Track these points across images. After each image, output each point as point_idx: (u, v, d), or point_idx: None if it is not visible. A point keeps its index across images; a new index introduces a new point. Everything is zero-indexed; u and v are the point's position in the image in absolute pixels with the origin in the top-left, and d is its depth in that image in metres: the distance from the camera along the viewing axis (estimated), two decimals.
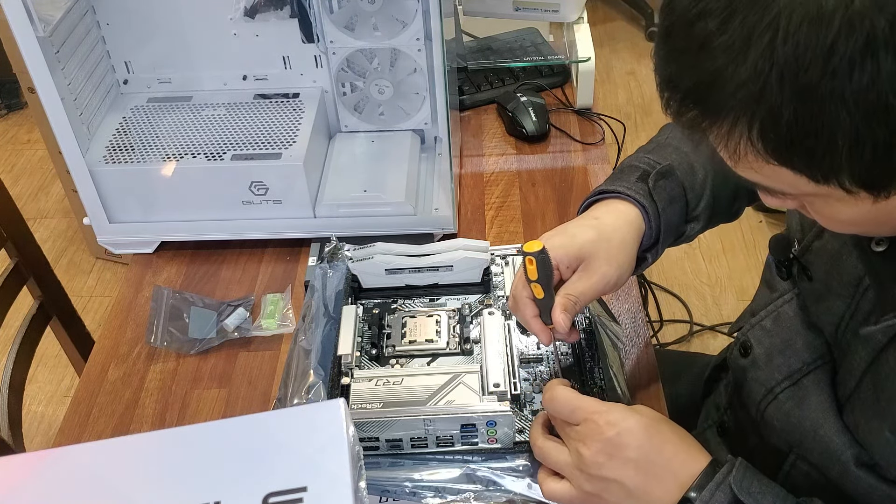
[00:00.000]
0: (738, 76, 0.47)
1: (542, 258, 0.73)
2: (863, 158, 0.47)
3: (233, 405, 0.91)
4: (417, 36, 1.03)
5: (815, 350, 0.73)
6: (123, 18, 1.07)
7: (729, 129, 0.50)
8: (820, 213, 0.57)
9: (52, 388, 1.95)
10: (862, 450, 0.67)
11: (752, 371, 0.79)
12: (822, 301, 0.71)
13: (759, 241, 2.16)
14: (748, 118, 0.48)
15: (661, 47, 0.53)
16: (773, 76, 0.46)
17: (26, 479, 0.61)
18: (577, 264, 0.75)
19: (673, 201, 0.80)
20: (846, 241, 0.68)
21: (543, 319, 0.75)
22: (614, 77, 2.79)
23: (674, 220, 0.80)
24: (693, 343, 1.95)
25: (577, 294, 0.74)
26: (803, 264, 0.73)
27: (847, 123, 0.46)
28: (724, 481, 0.64)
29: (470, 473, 0.77)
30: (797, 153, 0.48)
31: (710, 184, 0.82)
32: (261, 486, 0.58)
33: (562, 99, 1.32)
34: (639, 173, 0.81)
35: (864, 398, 0.66)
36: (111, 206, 1.06)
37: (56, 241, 2.32)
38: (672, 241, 0.83)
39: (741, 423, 0.86)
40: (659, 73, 0.54)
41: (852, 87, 0.44)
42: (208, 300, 1.01)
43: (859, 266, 0.67)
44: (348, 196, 1.06)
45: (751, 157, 0.51)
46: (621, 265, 0.76)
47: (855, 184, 0.49)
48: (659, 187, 0.79)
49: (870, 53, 0.44)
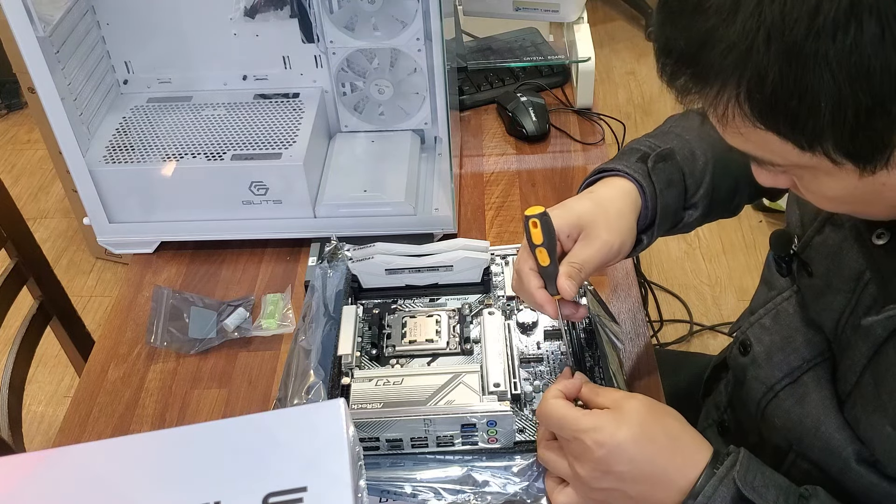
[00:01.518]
0: (728, 37, 0.48)
1: (545, 220, 0.73)
2: (845, 123, 0.48)
3: (233, 405, 0.91)
4: (417, 36, 1.03)
5: (815, 347, 0.73)
6: (123, 18, 1.07)
7: (717, 92, 0.51)
8: (808, 188, 0.58)
9: (52, 388, 1.95)
10: (863, 446, 0.67)
11: (752, 369, 0.79)
12: (823, 297, 0.71)
13: (759, 241, 2.16)
14: (736, 79, 0.49)
15: (659, 12, 0.54)
16: (760, 36, 0.47)
17: (26, 479, 0.61)
18: (578, 233, 0.76)
19: (671, 184, 0.80)
20: (847, 235, 0.68)
21: (549, 291, 0.74)
22: (614, 77, 2.79)
23: (671, 203, 0.80)
24: (693, 343, 1.95)
25: (580, 261, 0.74)
26: (803, 260, 0.73)
27: (830, 86, 0.46)
28: (727, 475, 0.64)
29: (470, 474, 0.77)
30: (782, 116, 0.49)
31: (710, 172, 0.82)
32: (261, 486, 0.58)
33: (562, 99, 1.32)
34: (639, 155, 0.81)
35: (865, 393, 0.66)
36: (111, 206, 1.06)
37: (56, 241, 2.32)
38: (669, 228, 0.83)
39: (741, 421, 0.86)
40: (656, 38, 0.55)
41: (836, 49, 0.45)
42: (208, 300, 1.01)
43: (860, 260, 0.67)
44: (348, 196, 1.06)
45: (738, 122, 0.51)
46: (622, 232, 0.76)
47: (839, 152, 0.50)
48: (658, 169, 0.80)
49: (854, 16, 0.45)
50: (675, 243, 2.18)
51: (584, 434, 0.67)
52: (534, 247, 0.73)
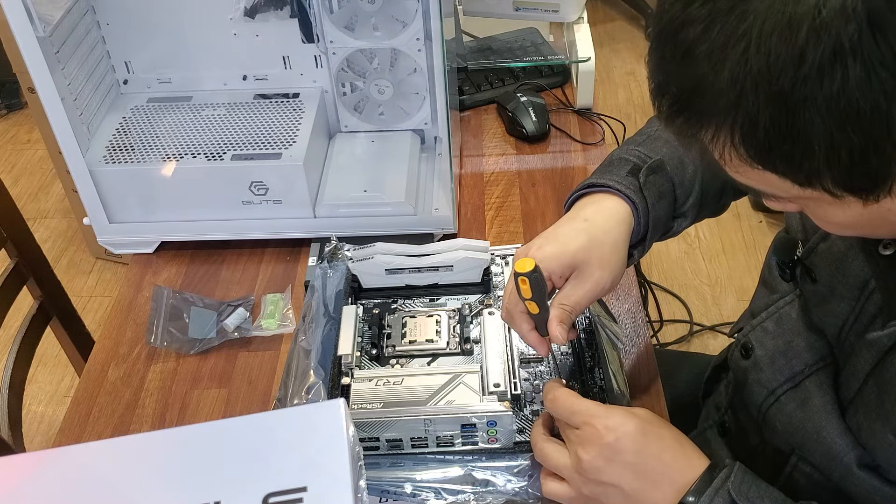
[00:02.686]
0: (718, 84, 0.48)
1: (534, 277, 0.71)
2: (840, 163, 0.47)
3: (233, 405, 0.91)
4: (417, 36, 1.03)
5: (817, 352, 0.73)
6: (123, 18, 1.07)
7: (714, 135, 0.51)
8: (815, 215, 0.58)
9: (52, 388, 1.95)
10: (864, 452, 0.67)
11: (754, 373, 0.79)
12: (826, 303, 0.71)
13: (759, 241, 2.16)
14: (729, 125, 0.49)
15: (652, 55, 0.54)
16: (748, 84, 0.47)
17: (26, 479, 0.61)
18: (570, 272, 0.75)
19: (662, 197, 0.79)
20: (853, 243, 0.68)
21: (539, 332, 0.75)
22: (614, 77, 2.79)
23: (662, 215, 0.80)
24: (693, 343, 1.95)
25: (571, 304, 0.74)
26: (807, 266, 0.73)
27: (821, 129, 0.46)
28: (722, 486, 0.64)
29: (470, 473, 0.77)
30: (777, 158, 0.49)
31: (699, 179, 0.82)
32: (261, 486, 0.58)
33: (562, 99, 1.32)
34: (629, 167, 0.80)
35: (868, 401, 0.66)
36: (111, 206, 1.06)
37: (56, 241, 2.32)
38: (658, 237, 0.82)
39: (742, 423, 0.85)
40: (650, 80, 0.55)
41: (823, 94, 0.45)
42: (208, 300, 1.01)
43: (865, 269, 0.67)
44: (348, 196, 1.06)
45: (736, 162, 0.51)
46: (614, 269, 0.75)
47: (838, 188, 0.49)
48: (650, 183, 0.79)
49: (838, 61, 0.44)
50: (675, 244, 2.18)
51: (596, 419, 0.68)
52: (524, 299, 0.72)
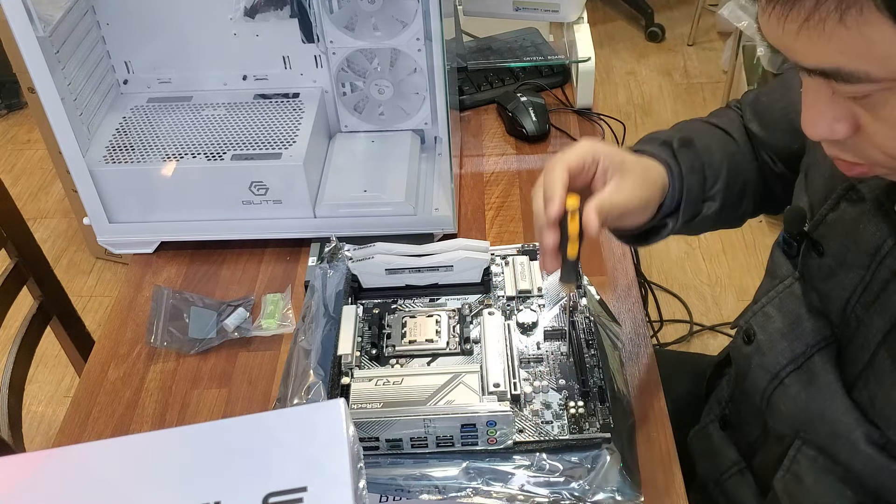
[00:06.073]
0: None
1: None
2: None
3: (233, 405, 0.91)
4: (417, 36, 1.03)
5: (819, 332, 0.73)
6: (123, 18, 1.07)
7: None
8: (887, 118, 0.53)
9: (52, 388, 1.95)
10: (872, 428, 0.67)
11: (757, 357, 0.78)
12: (833, 276, 0.71)
13: (759, 241, 2.16)
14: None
15: None
16: None
17: (26, 479, 0.61)
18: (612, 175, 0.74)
19: (693, 170, 0.80)
20: (866, 209, 0.67)
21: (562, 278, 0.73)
22: (614, 77, 2.79)
23: (694, 188, 0.80)
24: (693, 343, 1.95)
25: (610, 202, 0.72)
26: (814, 240, 0.73)
27: None
28: None
29: (470, 470, 0.77)
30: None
31: (725, 167, 0.83)
32: (261, 486, 0.58)
33: (562, 99, 1.32)
34: (660, 141, 0.82)
35: (881, 369, 0.66)
36: (111, 206, 1.06)
37: (56, 241, 2.32)
38: (688, 220, 0.82)
39: (743, 415, 0.85)
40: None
41: None
42: (208, 300, 1.01)
43: (879, 233, 0.66)
44: (348, 196, 1.06)
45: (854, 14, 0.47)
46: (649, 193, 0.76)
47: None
48: (682, 153, 0.80)
49: None
50: (675, 243, 2.18)
51: None
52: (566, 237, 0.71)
